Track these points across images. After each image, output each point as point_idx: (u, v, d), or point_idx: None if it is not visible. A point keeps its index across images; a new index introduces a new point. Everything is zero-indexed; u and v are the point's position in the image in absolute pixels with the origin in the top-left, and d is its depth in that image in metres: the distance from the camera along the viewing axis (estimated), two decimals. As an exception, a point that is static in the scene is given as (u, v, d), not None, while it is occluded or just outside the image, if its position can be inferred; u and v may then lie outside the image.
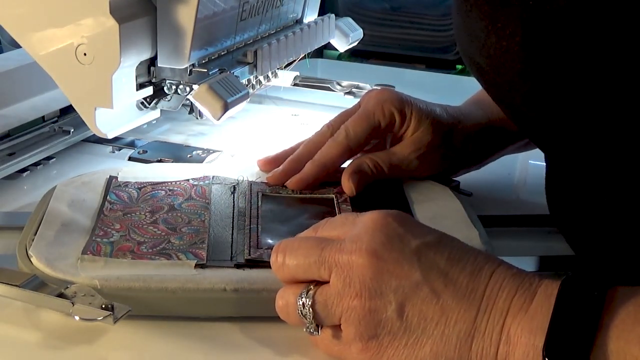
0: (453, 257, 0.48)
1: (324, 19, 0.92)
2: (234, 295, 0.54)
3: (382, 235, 0.48)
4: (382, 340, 0.47)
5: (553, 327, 0.44)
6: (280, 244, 0.52)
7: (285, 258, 0.51)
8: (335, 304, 0.48)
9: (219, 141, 0.89)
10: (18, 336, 0.54)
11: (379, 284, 0.47)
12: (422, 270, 0.47)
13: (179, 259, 0.57)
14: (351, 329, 0.48)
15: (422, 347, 0.47)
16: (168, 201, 0.66)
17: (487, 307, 0.46)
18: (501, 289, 0.47)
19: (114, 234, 0.60)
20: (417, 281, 0.47)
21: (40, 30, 0.66)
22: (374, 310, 0.47)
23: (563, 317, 0.44)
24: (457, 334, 0.46)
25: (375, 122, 0.70)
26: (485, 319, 0.46)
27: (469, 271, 0.48)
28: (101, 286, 0.53)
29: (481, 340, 0.46)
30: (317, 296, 0.49)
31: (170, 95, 0.72)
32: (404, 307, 0.47)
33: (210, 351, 0.53)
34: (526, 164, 0.89)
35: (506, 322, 0.46)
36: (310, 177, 0.69)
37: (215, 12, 0.71)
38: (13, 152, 0.79)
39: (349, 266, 0.48)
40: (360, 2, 1.65)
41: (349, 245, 0.49)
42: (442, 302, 0.47)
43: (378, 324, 0.47)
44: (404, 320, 0.47)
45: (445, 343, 0.46)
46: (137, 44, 0.66)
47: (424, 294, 0.47)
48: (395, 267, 0.47)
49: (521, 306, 0.46)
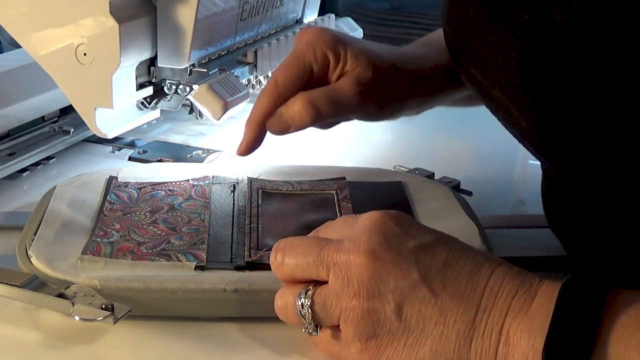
0: (452, 256, 0.48)
1: (324, 19, 0.92)
2: (233, 295, 0.54)
3: (380, 235, 0.48)
4: (381, 340, 0.47)
5: (553, 329, 0.44)
6: (279, 243, 0.52)
7: (285, 257, 0.50)
8: (334, 304, 0.48)
9: (219, 141, 0.89)
10: (18, 336, 0.54)
11: (377, 284, 0.47)
12: (420, 270, 0.47)
13: (179, 260, 0.57)
14: (350, 329, 0.48)
15: (421, 347, 0.46)
16: (168, 201, 0.66)
17: (487, 307, 0.46)
18: (501, 289, 0.46)
19: (113, 234, 0.60)
20: (415, 281, 0.47)
21: (40, 30, 0.66)
22: (373, 311, 0.47)
23: (563, 320, 0.44)
24: (456, 333, 0.46)
25: (306, 65, 0.64)
26: (485, 319, 0.46)
27: (467, 271, 0.47)
28: (101, 286, 0.53)
29: (480, 340, 0.46)
30: (315, 296, 0.48)
31: (170, 95, 0.72)
32: (402, 307, 0.47)
33: (210, 351, 0.53)
34: (526, 164, 0.89)
35: (505, 322, 0.45)
36: (250, 139, 0.65)
37: (215, 12, 0.71)
38: (13, 152, 0.80)
39: (347, 266, 0.48)
40: (360, 2, 1.65)
41: (347, 245, 0.48)
42: (440, 301, 0.46)
43: (377, 324, 0.47)
44: (402, 320, 0.47)
45: (445, 343, 0.46)
46: (137, 44, 0.66)
47: (422, 294, 0.46)
48: (393, 267, 0.47)
49: (521, 307, 0.45)
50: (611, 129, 0.48)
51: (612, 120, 0.47)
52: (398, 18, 1.63)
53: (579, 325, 0.44)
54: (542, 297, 0.46)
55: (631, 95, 0.46)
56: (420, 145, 0.67)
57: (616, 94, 0.47)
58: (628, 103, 0.46)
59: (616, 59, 0.46)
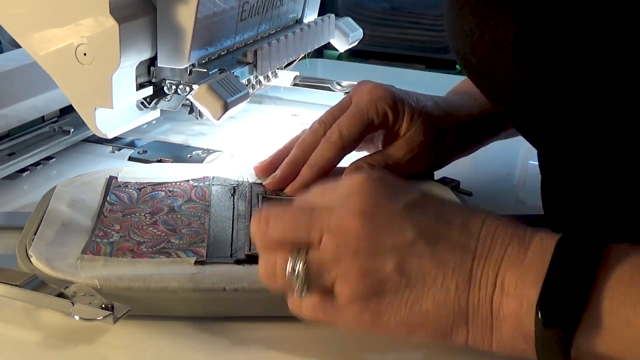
0: (441, 210, 0.49)
1: (323, 19, 0.92)
2: (234, 295, 0.54)
3: (368, 197, 0.49)
4: (382, 298, 0.47)
5: (548, 282, 0.45)
6: (261, 211, 0.51)
7: (271, 224, 0.50)
8: (330, 266, 0.48)
9: (219, 141, 0.89)
10: (18, 336, 0.54)
11: (375, 243, 0.48)
12: (414, 226, 0.48)
13: (179, 257, 0.57)
14: (348, 290, 0.48)
15: (422, 301, 0.47)
16: (168, 202, 0.66)
17: (482, 256, 0.47)
18: (495, 238, 0.47)
19: (113, 234, 0.60)
20: (412, 237, 0.48)
21: (40, 30, 0.66)
22: (373, 269, 0.47)
23: (559, 274, 0.45)
24: (455, 285, 0.47)
25: (368, 120, 0.69)
26: (481, 268, 0.47)
27: (459, 223, 0.48)
28: (101, 286, 0.53)
29: (477, 290, 0.47)
30: (310, 259, 0.48)
31: (170, 95, 0.72)
32: (402, 264, 0.47)
33: (210, 351, 0.53)
34: (526, 164, 0.89)
35: (500, 271, 0.46)
36: (309, 181, 0.68)
37: (215, 12, 0.71)
38: (13, 152, 0.79)
39: (343, 229, 0.48)
40: (360, 2, 1.65)
41: (338, 209, 0.49)
42: (438, 255, 0.47)
43: (378, 283, 0.47)
44: (404, 276, 0.47)
45: (445, 295, 0.47)
46: (137, 44, 0.66)
47: (420, 249, 0.47)
48: (388, 225, 0.48)
49: (516, 256, 0.47)
50: (606, 113, 0.48)
51: (607, 104, 0.48)
52: (398, 18, 1.64)
53: (574, 280, 0.45)
54: (537, 249, 0.47)
55: (626, 80, 0.47)
56: (420, 145, 0.68)
57: (611, 77, 0.47)
58: (624, 88, 0.47)
59: (610, 44, 0.46)
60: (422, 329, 0.48)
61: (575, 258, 0.45)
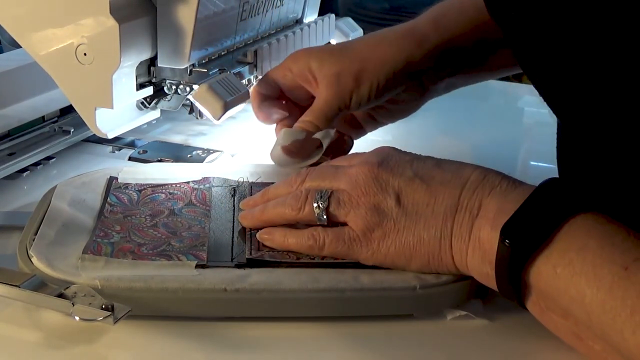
0: (440, 162, 0.59)
1: (324, 19, 0.92)
2: (234, 295, 0.54)
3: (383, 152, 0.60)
4: (385, 227, 0.56)
5: (518, 212, 0.51)
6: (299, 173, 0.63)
7: (308, 176, 0.61)
8: (347, 202, 0.57)
9: (219, 141, 0.89)
10: (18, 336, 0.54)
11: (380, 184, 0.57)
12: (414, 169, 0.58)
13: (180, 260, 0.57)
14: (359, 221, 0.56)
15: (417, 226, 0.55)
16: (168, 205, 0.66)
17: (471, 187, 0.55)
18: (486, 178, 0.55)
19: (114, 235, 0.60)
20: (411, 176, 0.57)
21: (40, 30, 0.66)
22: (378, 203, 0.57)
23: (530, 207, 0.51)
24: (444, 209, 0.55)
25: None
26: (468, 196, 0.55)
27: (454, 168, 0.57)
28: (102, 286, 0.53)
29: (462, 213, 0.54)
30: (332, 198, 0.58)
31: (170, 95, 0.72)
32: (400, 197, 0.56)
33: (210, 351, 0.53)
34: (526, 164, 0.89)
35: (484, 200, 0.54)
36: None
37: (215, 12, 0.71)
38: (13, 152, 0.79)
39: (357, 175, 0.58)
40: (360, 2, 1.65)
41: (357, 164, 0.59)
42: (432, 188, 0.56)
43: (381, 214, 0.56)
44: (401, 207, 0.56)
45: (435, 218, 0.55)
46: (137, 44, 0.66)
47: (416, 185, 0.57)
48: (393, 170, 0.58)
49: (502, 192, 0.54)
50: (621, 78, 0.50)
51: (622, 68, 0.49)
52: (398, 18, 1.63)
53: (540, 214, 0.51)
54: (523, 190, 0.53)
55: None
56: (420, 145, 0.67)
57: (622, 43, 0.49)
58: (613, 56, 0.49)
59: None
60: (418, 254, 0.55)
61: (551, 199, 0.51)
